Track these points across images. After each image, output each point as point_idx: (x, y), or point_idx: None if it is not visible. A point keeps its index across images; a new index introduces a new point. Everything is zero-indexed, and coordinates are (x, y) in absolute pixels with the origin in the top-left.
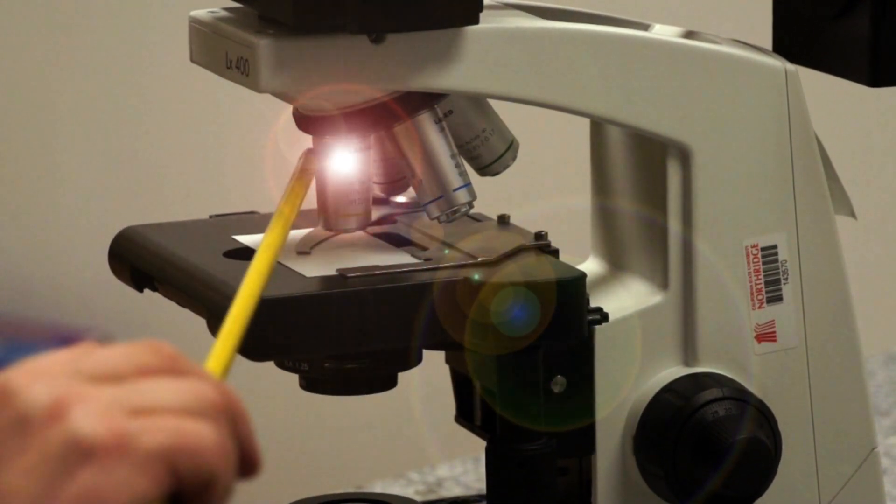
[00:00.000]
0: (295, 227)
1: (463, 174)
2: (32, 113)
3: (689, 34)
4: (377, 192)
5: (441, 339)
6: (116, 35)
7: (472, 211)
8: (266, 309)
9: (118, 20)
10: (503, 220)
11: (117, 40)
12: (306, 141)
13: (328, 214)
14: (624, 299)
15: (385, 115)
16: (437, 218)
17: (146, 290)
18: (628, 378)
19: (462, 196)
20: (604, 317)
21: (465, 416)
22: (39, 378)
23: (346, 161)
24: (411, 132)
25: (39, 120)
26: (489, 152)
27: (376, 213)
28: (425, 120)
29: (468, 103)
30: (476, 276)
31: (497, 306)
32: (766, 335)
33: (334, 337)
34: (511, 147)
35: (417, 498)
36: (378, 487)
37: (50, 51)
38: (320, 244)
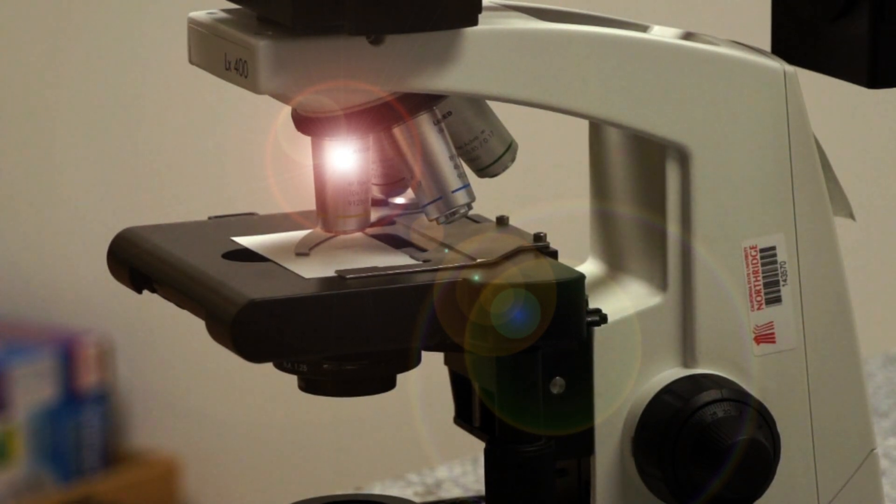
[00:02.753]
0: (294, 228)
1: (462, 175)
2: (32, 113)
3: (687, 35)
4: (376, 193)
5: (440, 341)
6: (116, 36)
7: (471, 212)
8: (265, 310)
9: (117, 21)
10: (502, 222)
11: (117, 41)
12: (305, 141)
13: (327, 215)
14: (623, 301)
15: (384, 117)
16: (436, 219)
17: (145, 292)
18: (627, 379)
19: (461, 197)
20: (603, 318)
21: (463, 417)
22: None
23: (345, 162)
24: (410, 133)
25: (39, 120)
26: (488, 154)
27: (375, 215)
28: (424, 121)
29: (467, 105)
30: (476, 278)
31: (497, 308)
32: (764, 336)
33: (333, 338)
34: (510, 149)
35: (416, 499)
36: (377, 489)
37: (50, 51)
38: (319, 245)
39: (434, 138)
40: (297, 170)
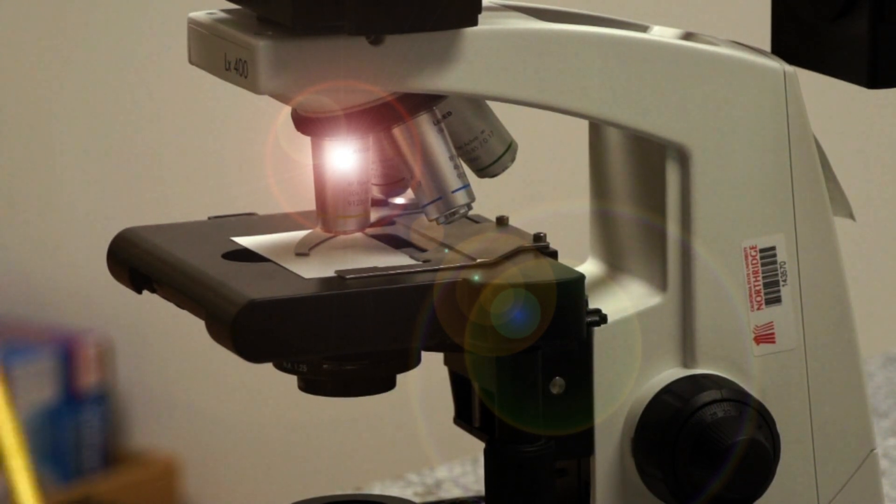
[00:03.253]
0: (294, 228)
1: (461, 176)
2: (32, 113)
3: (687, 35)
4: (376, 193)
5: (440, 341)
6: (116, 36)
7: (471, 212)
8: (265, 310)
9: (118, 22)
10: (502, 222)
11: (117, 42)
12: (305, 141)
13: (327, 216)
14: (623, 301)
15: (383, 117)
16: (436, 219)
17: (145, 292)
18: (627, 379)
19: (461, 197)
20: (602, 318)
21: (463, 417)
22: None
23: (345, 162)
24: (410, 134)
25: (39, 120)
26: (488, 154)
27: (375, 215)
28: (424, 121)
29: (467, 105)
30: (476, 278)
31: (497, 308)
32: (764, 337)
33: (333, 338)
34: (510, 149)
35: (416, 499)
36: (377, 489)
37: (50, 51)
38: (318, 245)
39: (434, 138)
40: (297, 170)
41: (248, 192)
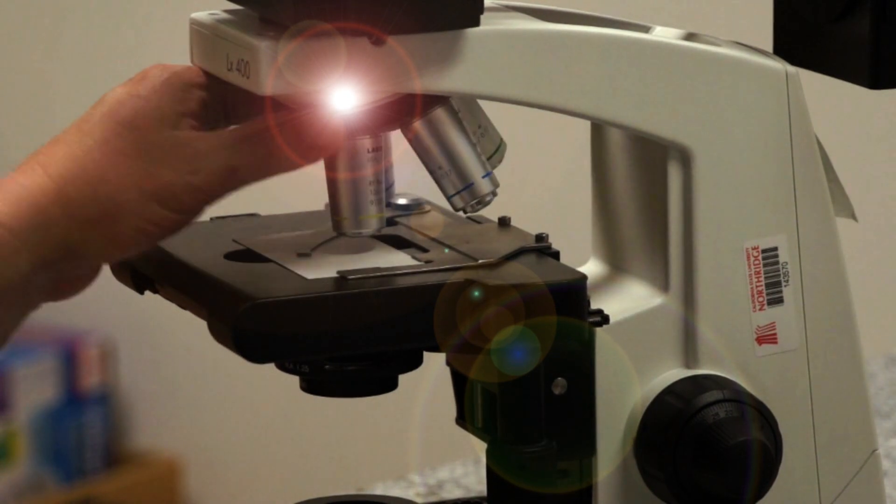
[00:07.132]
0: (296, 228)
1: (484, 163)
2: (32, 113)
3: (689, 36)
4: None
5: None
6: (118, 37)
7: (473, 213)
8: (267, 311)
9: (119, 23)
10: (504, 222)
11: (118, 43)
12: None
13: (341, 218)
14: (625, 301)
15: (401, 113)
16: (462, 209)
17: (147, 292)
18: (629, 380)
19: (485, 185)
20: (605, 319)
21: (465, 417)
22: None
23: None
24: (430, 127)
25: (39, 120)
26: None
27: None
28: (441, 114)
29: (459, 105)
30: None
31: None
32: (766, 337)
33: (335, 339)
34: (499, 149)
35: (418, 500)
36: (379, 489)
37: (50, 52)
38: (321, 246)
39: (452, 130)
40: (300, 170)
41: (249, 193)
